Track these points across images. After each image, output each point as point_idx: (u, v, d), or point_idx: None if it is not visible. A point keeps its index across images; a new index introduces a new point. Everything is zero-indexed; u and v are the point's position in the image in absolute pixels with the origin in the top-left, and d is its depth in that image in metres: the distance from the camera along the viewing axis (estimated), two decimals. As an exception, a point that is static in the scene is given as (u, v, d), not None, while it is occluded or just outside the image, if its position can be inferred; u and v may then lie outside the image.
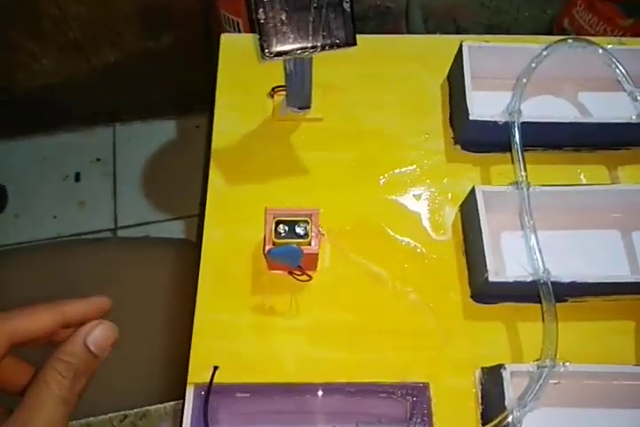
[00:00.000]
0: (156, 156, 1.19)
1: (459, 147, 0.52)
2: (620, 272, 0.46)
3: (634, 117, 0.48)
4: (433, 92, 0.55)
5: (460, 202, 0.49)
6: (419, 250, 0.47)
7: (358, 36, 0.58)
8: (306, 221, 0.41)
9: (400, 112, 0.54)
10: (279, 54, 0.38)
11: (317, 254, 0.42)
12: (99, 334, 0.28)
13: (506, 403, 0.36)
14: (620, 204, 0.47)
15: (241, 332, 0.43)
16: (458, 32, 0.77)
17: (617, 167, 0.52)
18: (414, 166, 0.51)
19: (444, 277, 0.46)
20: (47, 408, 0.26)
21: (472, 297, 0.45)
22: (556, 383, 0.40)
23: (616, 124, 0.48)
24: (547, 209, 0.46)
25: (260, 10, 0.38)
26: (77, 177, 1.19)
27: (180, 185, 1.11)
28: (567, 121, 0.48)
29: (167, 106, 1.21)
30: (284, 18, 0.38)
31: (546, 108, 0.54)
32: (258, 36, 0.38)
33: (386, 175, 0.51)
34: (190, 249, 0.75)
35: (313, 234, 0.41)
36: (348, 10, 0.39)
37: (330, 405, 0.41)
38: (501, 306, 0.45)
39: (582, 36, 0.54)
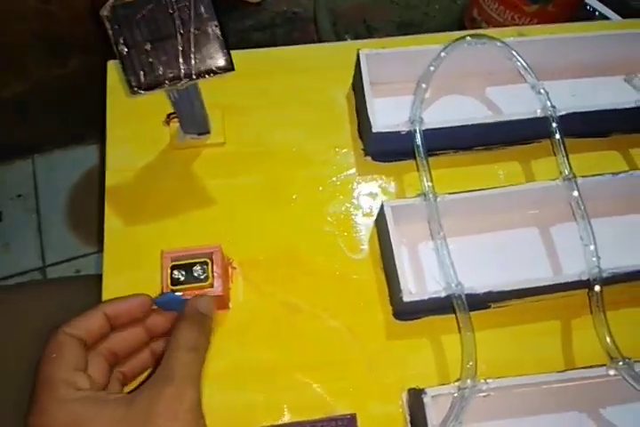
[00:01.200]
0: (79, 184, 1.16)
1: (369, 158, 0.52)
2: (542, 270, 0.47)
3: (539, 111, 0.49)
4: (340, 103, 0.55)
5: (375, 216, 0.49)
6: (337, 272, 0.47)
7: (257, 50, 0.58)
8: (204, 262, 0.39)
9: (308, 127, 0.53)
10: (149, 88, 0.37)
11: (223, 296, 0.40)
12: (204, 301, 0.37)
13: (429, 430, 0.36)
14: (535, 201, 0.48)
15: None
16: (369, 32, 0.76)
17: (530, 162, 0.52)
18: (326, 183, 0.51)
19: (364, 298, 0.45)
20: (178, 355, 0.32)
21: (394, 315, 0.45)
22: (485, 396, 0.40)
23: (521, 120, 0.49)
24: (460, 215, 0.47)
25: (121, 41, 0.36)
26: (-2, 217, 1.15)
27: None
28: (470, 123, 0.48)
29: (87, 131, 1.17)
30: (148, 48, 0.37)
31: (454, 108, 0.55)
32: (122, 71, 0.37)
33: (297, 196, 0.50)
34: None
35: (215, 275, 0.40)
36: (219, 33, 0.38)
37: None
38: (425, 320, 0.44)
39: (480, 31, 0.55)
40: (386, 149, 0.50)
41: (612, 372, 0.39)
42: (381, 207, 0.44)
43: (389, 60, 0.52)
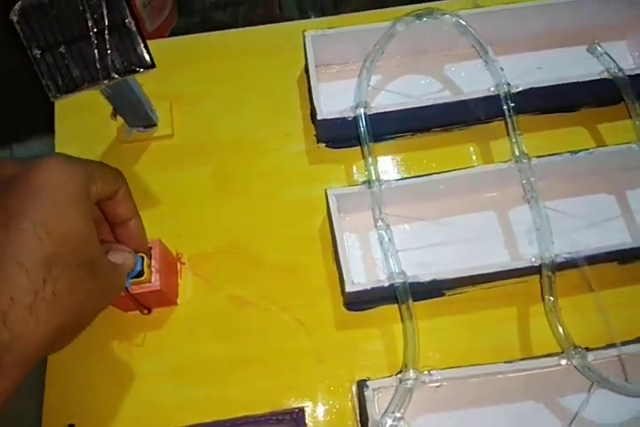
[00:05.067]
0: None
1: (323, 145, 0.51)
2: (499, 256, 0.46)
3: (492, 89, 0.48)
4: (291, 87, 0.54)
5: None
6: (289, 263, 0.47)
7: (201, 35, 0.58)
8: (140, 257, 0.40)
9: (258, 114, 0.53)
10: (67, 91, 0.37)
11: (164, 291, 0.41)
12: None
13: (369, 424, 0.37)
14: (490, 184, 0.47)
15: (97, 383, 0.42)
16: (335, 6, 0.75)
17: (489, 142, 0.51)
18: (278, 172, 0.50)
19: (315, 289, 0.45)
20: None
21: (345, 306, 0.45)
22: (437, 387, 0.40)
23: (474, 99, 0.48)
24: (410, 202, 0.46)
25: (34, 45, 0.36)
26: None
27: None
28: (418, 105, 0.47)
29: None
30: (63, 50, 0.37)
31: (411, 89, 0.53)
32: (39, 76, 0.37)
33: (249, 186, 0.50)
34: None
35: (152, 270, 0.40)
36: (134, 29, 0.37)
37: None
38: (377, 310, 0.44)
39: (434, 4, 0.53)
40: (337, 136, 0.50)
41: (563, 362, 0.39)
42: (326, 196, 0.44)
43: (338, 41, 0.51)
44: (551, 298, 0.41)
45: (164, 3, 1.01)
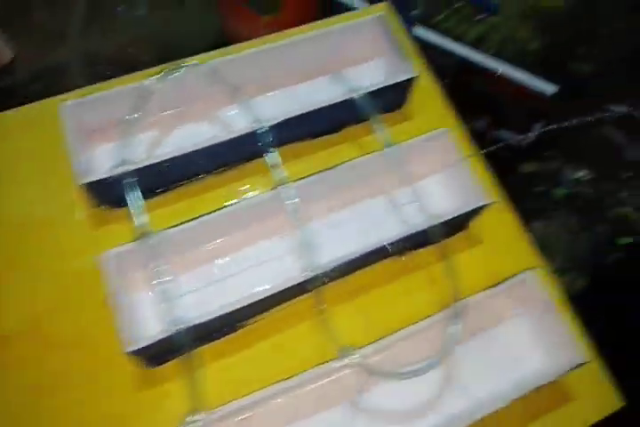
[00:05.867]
0: None
1: (106, 207, 0.52)
2: (280, 277, 0.46)
3: (251, 126, 0.50)
4: (65, 157, 0.54)
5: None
6: (82, 337, 0.46)
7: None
8: None
9: (35, 191, 0.53)
10: None
11: None
12: None
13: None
14: (258, 215, 0.49)
15: None
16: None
17: (260, 176, 0.54)
18: (65, 244, 0.50)
19: (110, 356, 0.45)
20: None
21: (143, 364, 0.45)
22: (242, 419, 0.41)
23: (233, 139, 0.50)
24: (192, 245, 0.48)
25: None
26: None
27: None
28: (178, 154, 0.48)
29: None
30: None
31: (184, 139, 0.55)
32: None
33: (34, 265, 0.49)
34: None
35: None
36: None
37: None
38: (178, 360, 0.45)
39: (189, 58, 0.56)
40: (113, 196, 0.50)
41: (339, 364, 0.41)
42: (100, 260, 0.45)
43: (97, 105, 0.52)
44: (322, 307, 0.43)
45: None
